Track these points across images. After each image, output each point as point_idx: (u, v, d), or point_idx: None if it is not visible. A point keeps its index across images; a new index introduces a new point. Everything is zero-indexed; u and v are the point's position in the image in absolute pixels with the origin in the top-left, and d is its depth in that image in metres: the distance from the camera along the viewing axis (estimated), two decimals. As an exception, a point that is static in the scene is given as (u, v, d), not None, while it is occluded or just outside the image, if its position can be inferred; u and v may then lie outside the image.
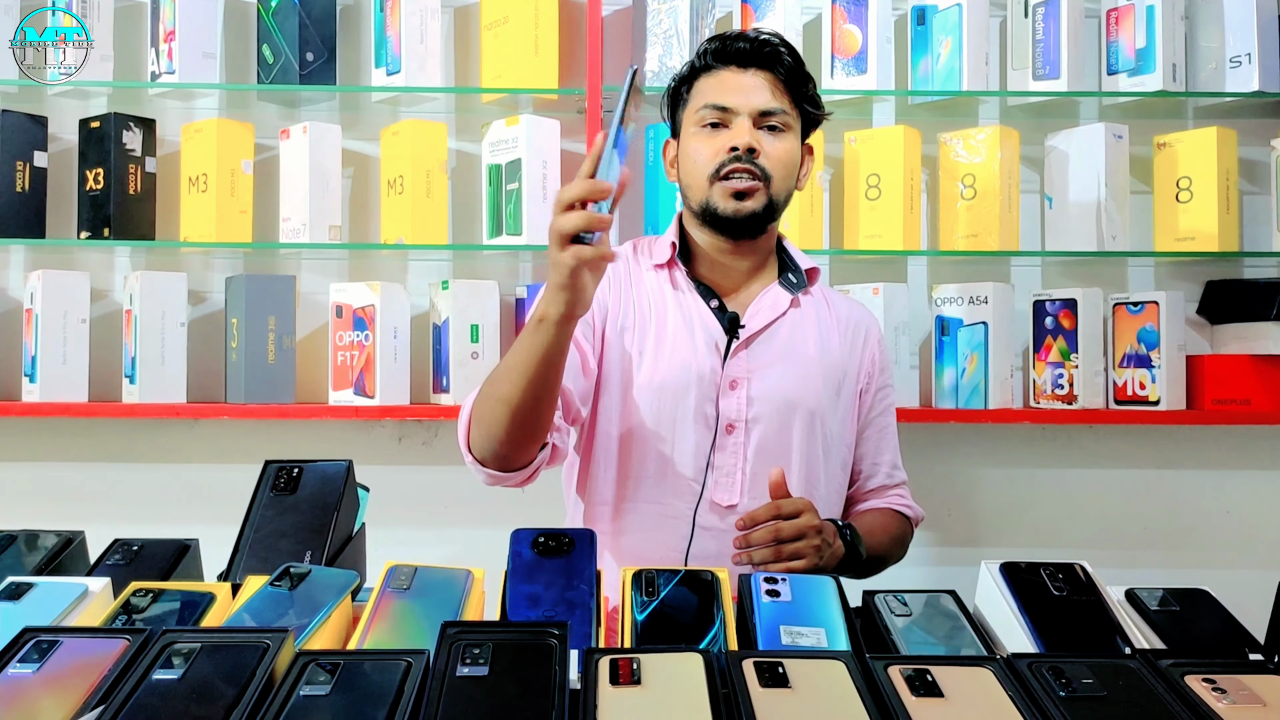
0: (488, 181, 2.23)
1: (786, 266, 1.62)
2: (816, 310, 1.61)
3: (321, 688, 0.88)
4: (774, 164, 1.49)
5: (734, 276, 1.58)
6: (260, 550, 1.32)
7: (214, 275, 2.33)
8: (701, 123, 1.51)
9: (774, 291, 1.57)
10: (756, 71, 1.50)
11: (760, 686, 0.89)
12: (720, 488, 1.49)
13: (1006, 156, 2.19)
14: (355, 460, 1.48)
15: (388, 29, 2.22)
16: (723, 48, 1.52)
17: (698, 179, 1.51)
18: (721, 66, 1.52)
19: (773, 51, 1.50)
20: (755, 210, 1.49)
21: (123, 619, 1.08)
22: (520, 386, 1.30)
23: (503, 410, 1.33)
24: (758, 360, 1.52)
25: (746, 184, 1.48)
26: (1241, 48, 2.19)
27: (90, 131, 2.22)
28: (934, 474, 2.38)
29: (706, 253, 1.58)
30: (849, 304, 1.68)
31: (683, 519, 1.48)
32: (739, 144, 1.47)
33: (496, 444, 1.36)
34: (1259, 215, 2.32)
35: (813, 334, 1.57)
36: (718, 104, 1.50)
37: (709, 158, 1.50)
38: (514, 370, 1.31)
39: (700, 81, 1.54)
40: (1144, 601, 1.18)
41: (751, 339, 1.53)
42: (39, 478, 2.34)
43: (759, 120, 1.49)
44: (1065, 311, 2.21)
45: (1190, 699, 0.91)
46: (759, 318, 1.54)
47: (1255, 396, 2.20)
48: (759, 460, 1.50)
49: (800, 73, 1.52)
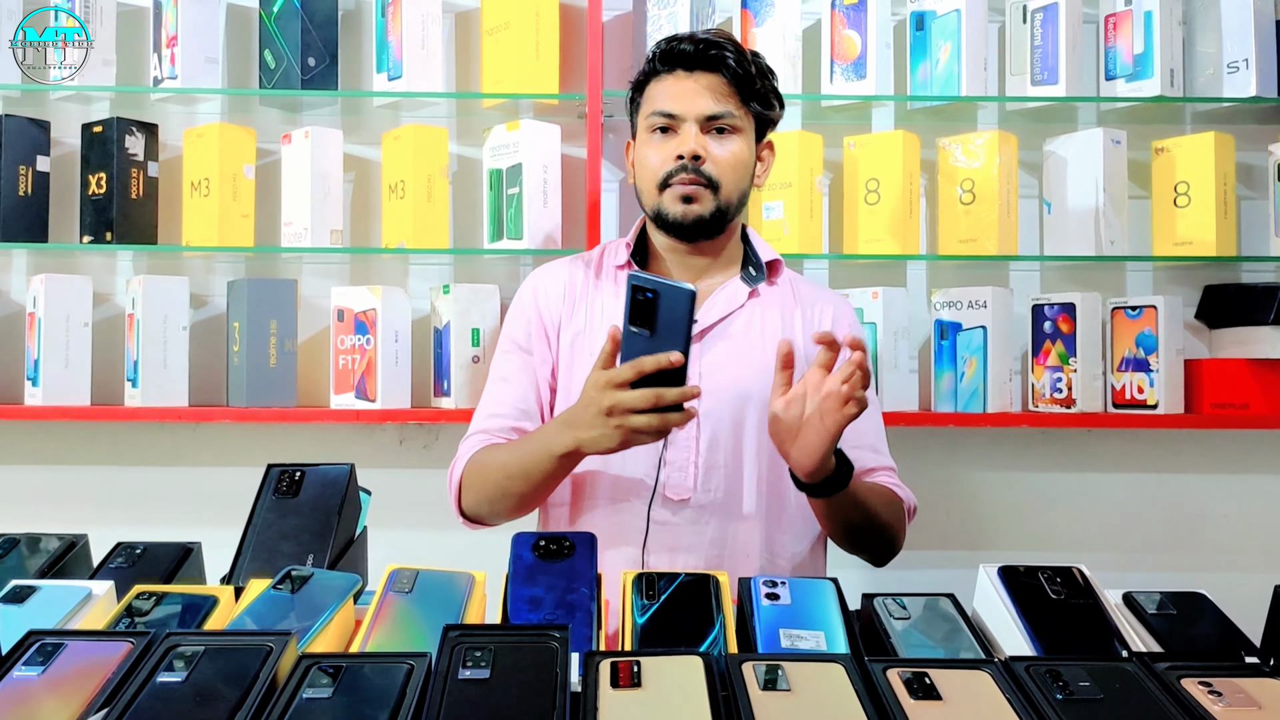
0: (489, 186, 2.24)
1: (750, 261, 1.63)
2: (780, 301, 1.61)
3: (324, 690, 0.88)
4: (721, 168, 1.50)
5: (692, 275, 1.59)
6: (263, 553, 1.33)
7: (216, 279, 2.34)
8: (651, 129, 1.53)
9: (732, 285, 1.58)
10: (703, 74, 1.51)
11: (760, 689, 0.90)
12: (673, 482, 1.49)
13: (1005, 161, 2.20)
14: (357, 463, 1.49)
15: (389, 34, 2.23)
16: (669, 51, 1.52)
17: (649, 185, 1.54)
18: (669, 71, 1.53)
19: (718, 54, 1.50)
20: (703, 215, 1.51)
21: (126, 622, 1.09)
22: (536, 487, 1.43)
23: (516, 502, 1.47)
24: (711, 354, 1.53)
25: (692, 189, 1.50)
26: (1239, 53, 2.20)
27: (93, 136, 2.23)
28: (933, 477, 2.38)
29: (664, 254, 1.60)
30: (817, 291, 1.68)
31: (638, 515, 1.48)
32: (684, 152, 1.49)
33: (499, 518, 1.52)
34: (1257, 220, 2.33)
35: (773, 324, 1.58)
36: (664, 111, 1.51)
37: (658, 165, 1.52)
38: (533, 476, 1.41)
39: (651, 86, 1.55)
40: (1141, 605, 1.19)
41: (704, 334, 1.54)
42: (42, 481, 2.34)
43: (705, 125, 1.50)
44: (1064, 316, 2.21)
45: (1186, 702, 0.91)
46: (713, 311, 1.55)
47: (1253, 400, 2.20)
48: (711, 453, 1.50)
49: (748, 73, 1.52)
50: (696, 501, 1.50)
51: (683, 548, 1.49)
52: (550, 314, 1.60)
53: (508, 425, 1.55)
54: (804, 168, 2.21)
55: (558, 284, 1.62)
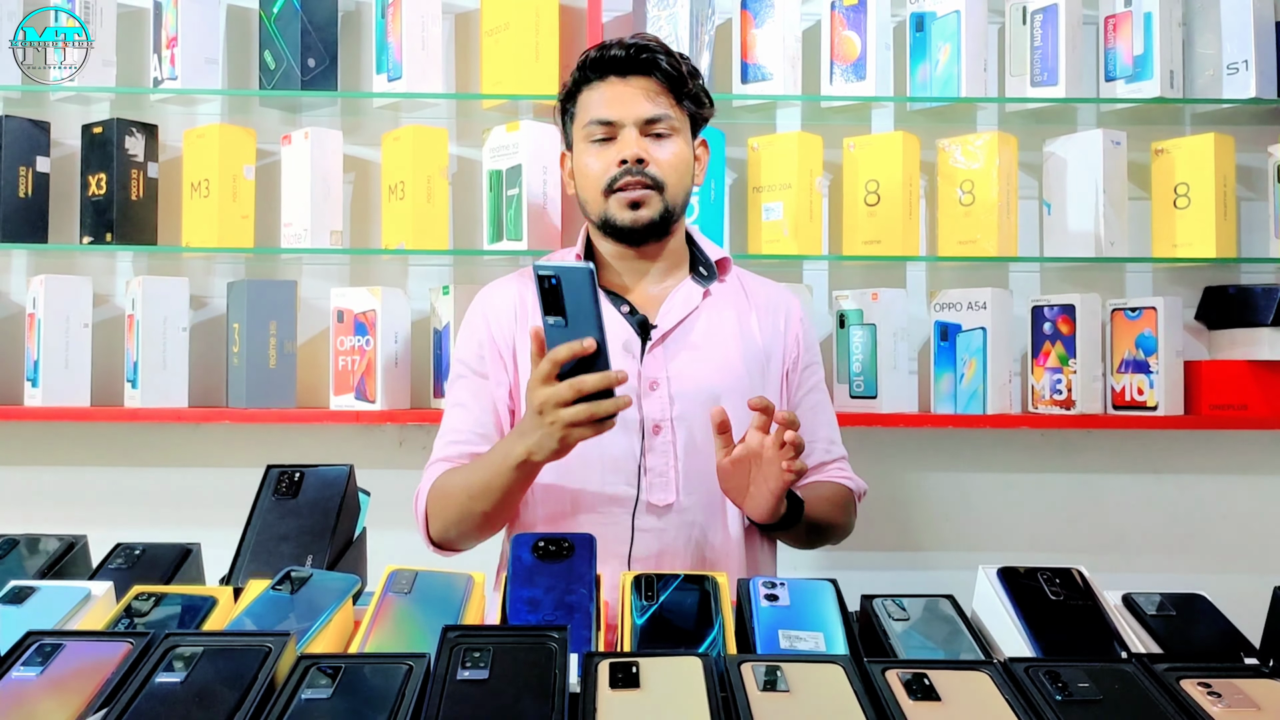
0: (488, 187, 2.24)
1: (698, 260, 1.63)
2: (733, 299, 1.61)
3: (323, 691, 0.88)
4: (665, 169, 1.51)
5: (642, 280, 1.59)
6: (262, 554, 1.33)
7: (215, 280, 2.34)
8: (590, 138, 1.53)
9: (685, 287, 1.58)
10: (636, 78, 1.51)
11: (759, 690, 0.90)
12: (655, 489, 1.50)
13: (1005, 162, 2.20)
14: (356, 465, 1.49)
15: (389, 35, 2.23)
16: (601, 58, 1.52)
17: (593, 193, 1.53)
18: (601, 78, 1.53)
19: (650, 58, 1.51)
20: (652, 218, 1.52)
21: (125, 623, 1.09)
22: (498, 504, 1.42)
23: (481, 521, 1.46)
24: (675, 358, 1.53)
25: (639, 193, 1.50)
26: (1239, 54, 2.20)
27: (93, 137, 2.23)
28: (932, 479, 2.38)
29: (612, 261, 1.60)
30: (768, 286, 1.69)
31: (622, 524, 1.48)
32: (627, 156, 1.49)
33: (468, 540, 1.52)
34: (1256, 221, 2.33)
35: (730, 323, 1.58)
36: (602, 118, 1.51)
37: (601, 172, 1.52)
38: (493, 492, 1.41)
39: (584, 95, 1.55)
40: (1141, 606, 1.19)
41: (665, 337, 1.54)
42: (41, 482, 2.34)
43: (645, 128, 1.51)
44: (1063, 317, 2.21)
45: (1186, 703, 0.91)
46: (670, 316, 1.55)
47: (1252, 402, 2.20)
48: (689, 457, 1.51)
49: (680, 73, 1.53)
50: (680, 505, 1.50)
51: (668, 553, 1.49)
52: (502, 334, 1.58)
53: (467, 451, 1.54)
54: (803, 169, 2.21)
55: (507, 303, 1.61)
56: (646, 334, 1.53)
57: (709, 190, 2.18)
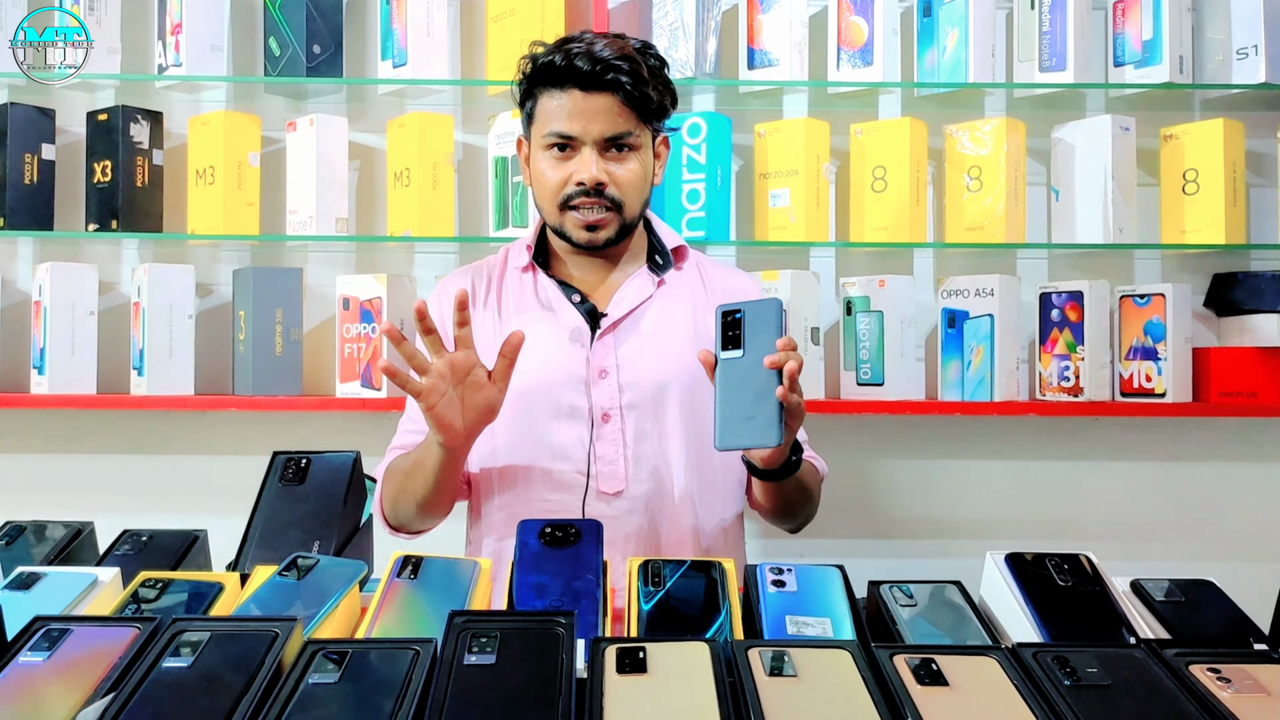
0: (494, 174, 2.23)
1: (655, 249, 1.61)
2: (689, 287, 1.60)
3: (330, 676, 0.88)
4: (624, 189, 1.48)
5: (596, 272, 1.58)
6: (269, 540, 1.33)
7: (221, 267, 2.34)
8: (547, 145, 1.48)
9: (640, 276, 1.57)
10: (598, 95, 1.45)
11: (766, 676, 0.90)
12: (605, 476, 1.49)
13: (1013, 148, 2.19)
14: (362, 451, 1.49)
15: (394, 21, 2.22)
16: (566, 68, 1.45)
17: (548, 203, 1.51)
18: (562, 88, 1.46)
19: (614, 78, 1.44)
20: (610, 237, 1.50)
21: (132, 608, 1.09)
22: (427, 483, 1.42)
23: (420, 499, 1.45)
24: (625, 347, 1.52)
25: (597, 216, 1.48)
26: (1249, 39, 2.18)
27: (98, 124, 2.23)
28: (940, 466, 2.38)
29: (566, 256, 1.59)
30: (725, 273, 1.67)
31: (573, 511, 1.48)
32: (585, 179, 1.46)
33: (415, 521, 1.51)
34: (1266, 208, 2.32)
35: (684, 311, 1.57)
36: (562, 132, 1.46)
37: (556, 186, 1.48)
38: (421, 472, 1.42)
39: (544, 100, 1.49)
40: (1149, 592, 1.18)
41: (616, 325, 1.53)
42: (48, 469, 2.35)
43: (604, 145, 1.47)
44: (1072, 304, 2.20)
45: (1195, 688, 0.91)
46: (623, 304, 1.54)
47: (1261, 389, 2.19)
48: (639, 445, 1.50)
49: (644, 94, 1.47)
50: (629, 493, 1.49)
51: (620, 538, 1.48)
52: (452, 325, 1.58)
53: (419, 440, 1.53)
54: (810, 155, 2.20)
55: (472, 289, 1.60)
56: (596, 323, 1.52)
57: (715, 177, 2.17)
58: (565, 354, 1.51)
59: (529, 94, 1.52)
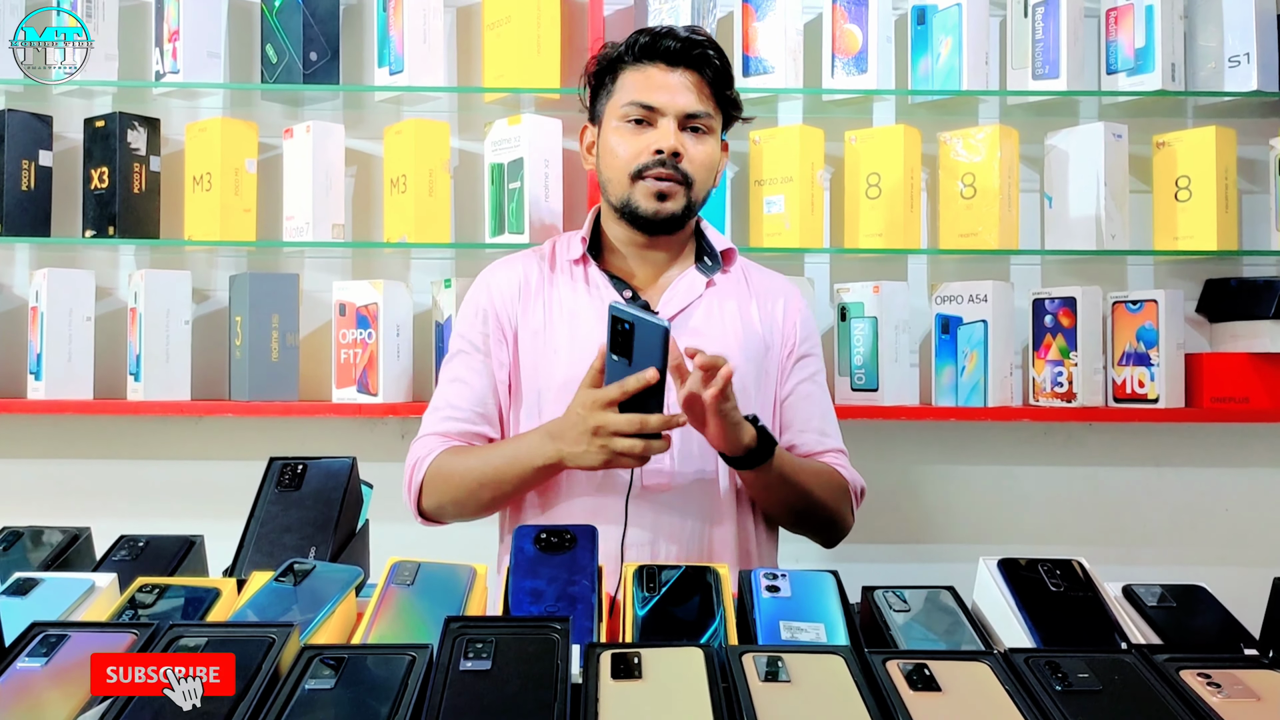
0: (490, 180, 2.24)
1: (704, 251, 1.63)
2: (735, 289, 1.62)
3: (326, 682, 0.89)
4: (696, 167, 1.51)
5: (649, 267, 1.60)
6: (265, 546, 1.33)
7: (218, 273, 2.34)
8: (625, 118, 1.52)
9: (690, 275, 1.59)
10: (684, 71, 1.51)
11: (760, 681, 0.90)
12: (649, 473, 1.50)
13: (1006, 155, 2.20)
14: (359, 457, 1.49)
15: (390, 28, 2.23)
16: (653, 44, 1.51)
17: (618, 174, 1.53)
18: (649, 63, 1.52)
19: (701, 53, 1.50)
20: (675, 211, 1.52)
21: (129, 614, 1.09)
22: (508, 494, 1.47)
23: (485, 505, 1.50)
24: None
25: (668, 185, 1.50)
26: (1240, 47, 2.19)
27: (95, 131, 2.23)
28: (933, 471, 2.38)
29: (620, 246, 1.60)
30: (769, 277, 1.69)
31: (614, 509, 1.47)
32: (664, 147, 1.48)
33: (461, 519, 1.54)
34: (1258, 214, 2.33)
35: (731, 313, 1.58)
36: (644, 102, 1.50)
37: (631, 156, 1.51)
38: (506, 484, 1.46)
39: (626, 75, 1.54)
40: (1141, 598, 1.19)
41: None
42: (45, 474, 2.35)
43: (683, 122, 1.50)
44: (1065, 310, 2.21)
45: (1185, 693, 0.92)
46: (673, 303, 1.56)
47: (1254, 394, 2.20)
48: (685, 443, 1.51)
49: (726, 75, 1.53)
50: (675, 490, 1.50)
51: (662, 536, 1.49)
52: (506, 313, 1.59)
53: (467, 430, 1.55)
54: (805, 162, 2.21)
55: (512, 282, 1.61)
56: None
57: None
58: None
59: (609, 71, 1.56)
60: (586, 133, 1.62)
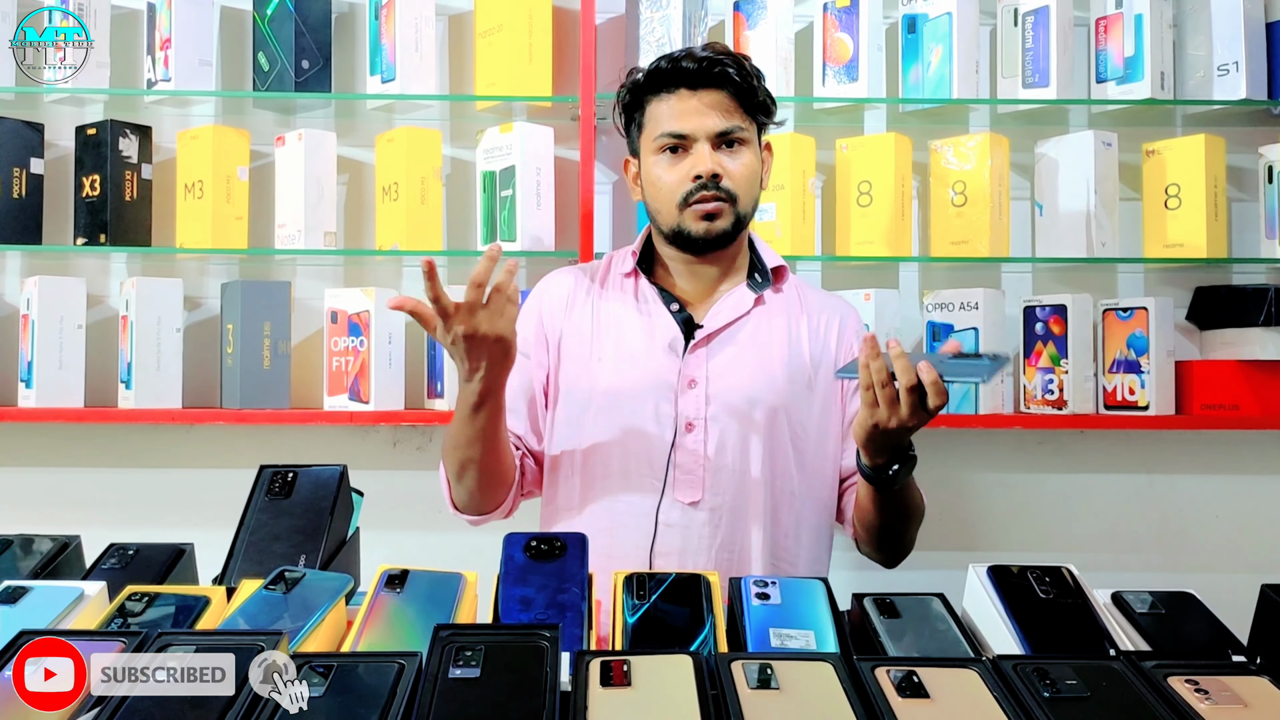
0: (482, 188, 2.24)
1: (756, 267, 1.64)
2: (787, 307, 1.62)
3: (315, 690, 0.89)
4: (738, 182, 1.52)
5: (699, 283, 1.61)
6: (255, 554, 1.33)
7: (209, 281, 2.34)
8: (660, 149, 1.53)
9: (738, 292, 1.59)
10: (708, 91, 1.51)
11: (749, 688, 0.90)
12: (682, 485, 1.51)
13: (997, 163, 2.21)
14: (350, 465, 1.49)
15: (382, 37, 2.24)
16: (673, 70, 1.52)
17: (666, 205, 1.54)
18: (672, 90, 1.53)
19: (721, 71, 1.51)
20: (725, 229, 1.53)
21: (118, 622, 1.09)
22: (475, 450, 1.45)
23: (471, 471, 1.47)
24: (717, 359, 1.54)
25: (714, 205, 1.51)
26: (1229, 56, 2.21)
27: (87, 138, 2.23)
28: (924, 478, 2.35)
29: (672, 264, 1.62)
30: (823, 297, 1.70)
31: (646, 517, 1.50)
32: (701, 172, 1.50)
33: (469, 495, 1.51)
34: (1247, 222, 2.34)
35: (780, 330, 1.59)
36: (674, 131, 1.52)
37: (674, 186, 1.52)
38: (463, 439, 1.44)
39: (652, 105, 1.55)
40: (1130, 604, 1.19)
41: (710, 338, 1.55)
42: (35, 482, 2.34)
43: (716, 141, 1.51)
44: (1055, 317, 2.22)
45: (1173, 700, 0.92)
46: (720, 317, 1.56)
47: (1243, 402, 2.21)
48: (720, 457, 1.52)
49: (750, 85, 1.53)
50: (706, 504, 1.51)
51: (691, 550, 1.50)
52: (553, 322, 1.62)
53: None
54: (796, 170, 2.21)
55: (561, 292, 1.64)
56: (692, 333, 1.55)
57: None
58: (658, 360, 1.54)
59: (635, 106, 1.58)
60: (629, 165, 1.63)
